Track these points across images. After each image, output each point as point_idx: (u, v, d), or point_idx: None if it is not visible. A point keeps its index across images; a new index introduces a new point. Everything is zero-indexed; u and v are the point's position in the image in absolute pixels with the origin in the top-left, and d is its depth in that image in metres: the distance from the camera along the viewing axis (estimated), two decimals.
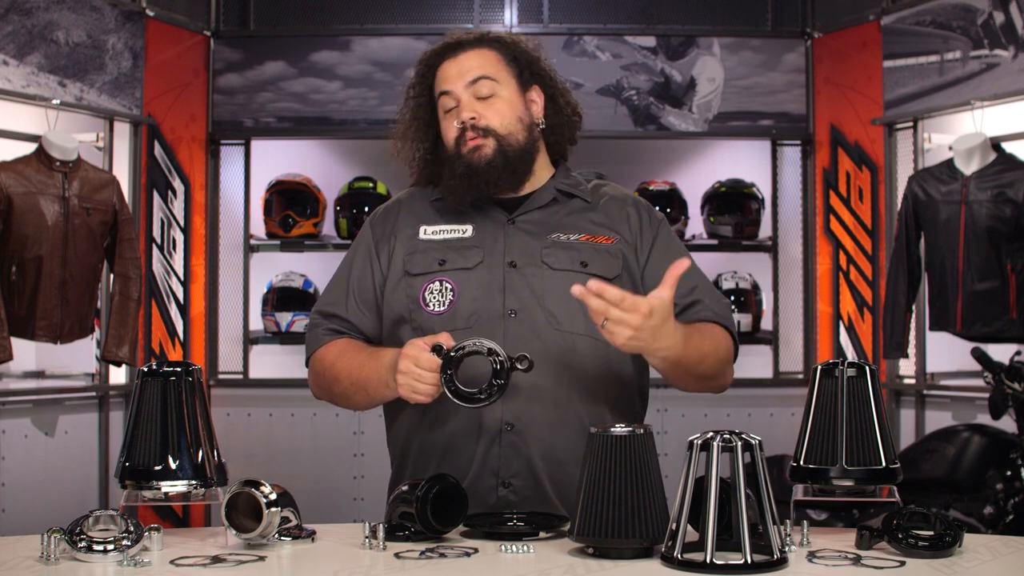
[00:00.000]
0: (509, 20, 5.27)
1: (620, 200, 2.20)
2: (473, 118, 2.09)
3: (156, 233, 4.95)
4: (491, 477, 2.02)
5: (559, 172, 2.21)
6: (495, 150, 2.09)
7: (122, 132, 4.75)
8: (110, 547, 1.66)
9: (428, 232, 2.14)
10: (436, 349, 1.89)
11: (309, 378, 2.20)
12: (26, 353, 4.37)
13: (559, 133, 2.21)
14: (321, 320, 2.17)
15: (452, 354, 1.88)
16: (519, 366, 1.89)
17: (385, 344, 2.13)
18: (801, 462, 1.82)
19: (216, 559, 1.68)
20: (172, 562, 1.66)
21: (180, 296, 5.07)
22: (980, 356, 3.76)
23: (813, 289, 5.25)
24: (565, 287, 1.97)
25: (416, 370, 1.90)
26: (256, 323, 5.23)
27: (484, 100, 2.11)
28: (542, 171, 2.19)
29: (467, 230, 2.13)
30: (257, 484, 1.76)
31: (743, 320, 5.13)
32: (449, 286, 2.07)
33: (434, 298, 2.07)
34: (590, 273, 2.05)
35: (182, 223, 5.08)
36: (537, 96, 2.19)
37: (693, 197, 5.25)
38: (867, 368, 1.82)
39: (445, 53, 2.16)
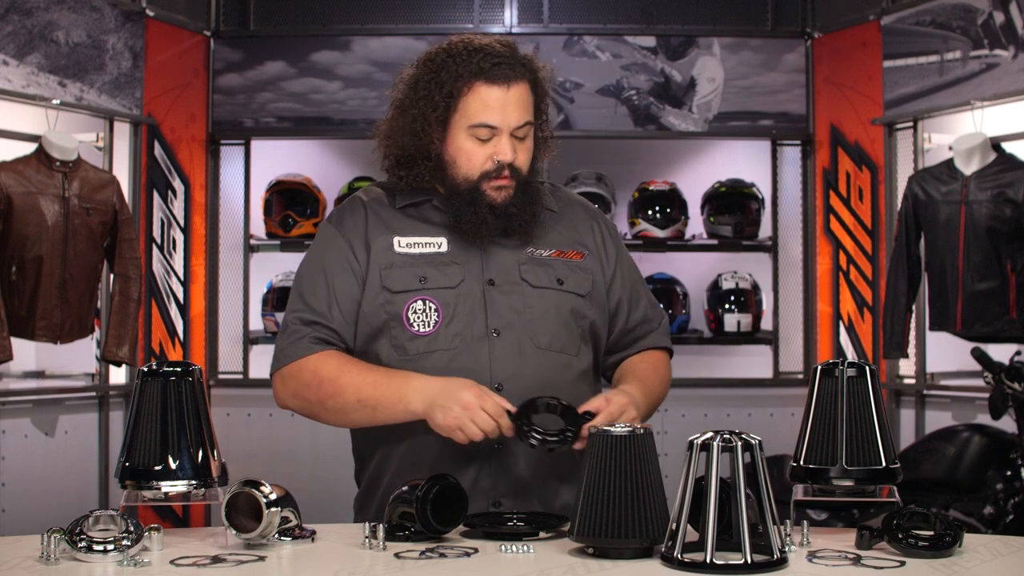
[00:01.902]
0: (509, 20, 5.27)
1: (580, 208, 2.25)
2: (513, 161, 2.06)
3: (156, 233, 4.95)
4: (481, 498, 2.02)
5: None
6: (515, 191, 2.07)
7: (122, 132, 4.75)
8: (110, 547, 1.66)
9: (403, 244, 2.10)
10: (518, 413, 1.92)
11: (281, 385, 2.12)
12: (26, 353, 4.37)
13: (538, 152, 2.17)
14: (303, 327, 2.08)
15: (528, 409, 1.92)
16: (586, 417, 1.93)
17: (357, 356, 2.09)
18: (801, 462, 1.82)
19: (216, 559, 1.68)
20: (172, 562, 1.66)
21: (180, 296, 5.07)
22: (980, 356, 3.75)
23: (813, 289, 5.24)
24: (544, 305, 2.08)
25: (479, 410, 1.89)
26: (256, 323, 5.23)
27: (518, 140, 2.07)
28: None
29: (442, 243, 2.10)
30: (257, 484, 1.76)
31: (743, 320, 5.13)
32: (433, 306, 2.06)
33: (418, 318, 2.05)
34: (566, 290, 2.11)
35: (182, 223, 5.08)
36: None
37: (693, 197, 5.25)
38: (867, 368, 1.82)
39: (495, 76, 2.03)
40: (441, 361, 2.04)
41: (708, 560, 1.58)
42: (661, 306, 2.34)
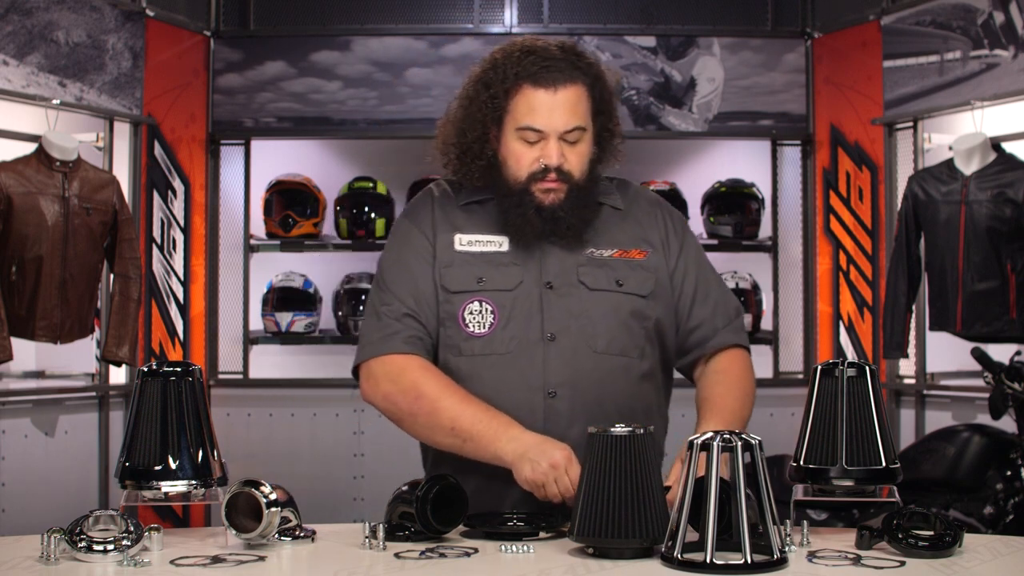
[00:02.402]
0: (509, 20, 5.27)
1: (647, 205, 2.21)
2: (560, 164, 2.05)
3: (156, 233, 4.95)
4: (533, 503, 2.01)
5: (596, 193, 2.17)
6: (567, 195, 2.06)
7: (122, 132, 4.75)
8: (110, 547, 1.66)
9: (463, 242, 2.11)
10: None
11: (371, 383, 2.09)
12: (26, 353, 4.37)
13: (603, 156, 2.16)
14: (393, 322, 2.08)
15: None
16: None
17: None
18: (801, 462, 1.82)
19: (216, 559, 1.68)
20: (172, 562, 1.66)
21: (180, 296, 5.07)
22: (980, 356, 3.75)
23: (813, 289, 5.24)
24: (602, 307, 2.06)
25: (564, 474, 1.88)
26: (256, 323, 5.23)
27: (571, 144, 2.06)
28: None
29: (503, 243, 2.10)
30: (257, 484, 1.76)
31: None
32: (489, 307, 2.06)
33: (474, 319, 2.06)
34: (625, 292, 2.08)
35: (182, 223, 5.08)
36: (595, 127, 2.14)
37: (693, 197, 5.25)
38: (867, 368, 1.82)
39: (542, 79, 2.04)
40: (496, 364, 2.04)
41: (708, 560, 1.58)
42: (739, 303, 2.25)
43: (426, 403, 2.03)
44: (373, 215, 5.17)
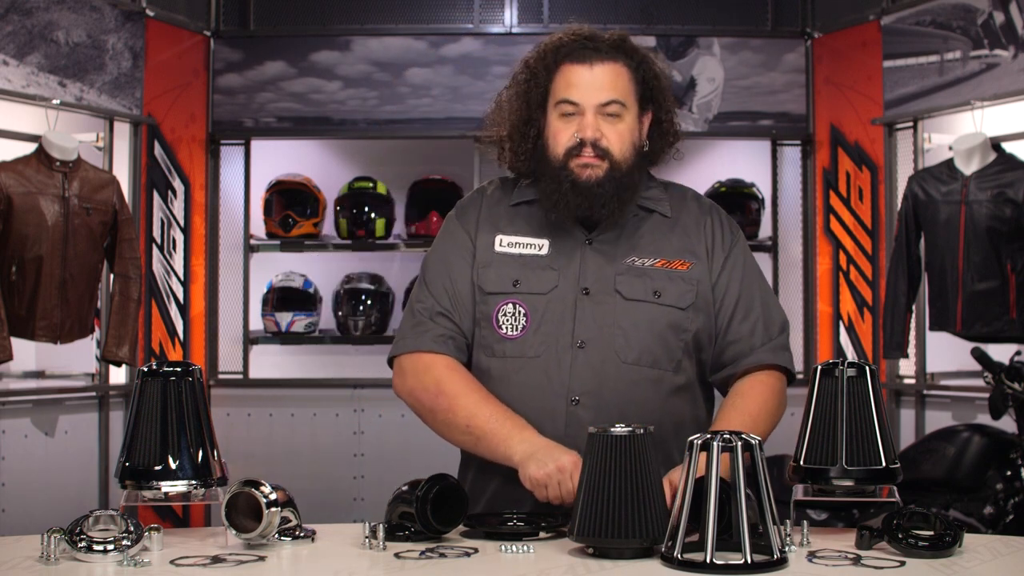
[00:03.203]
0: (509, 20, 5.27)
1: (696, 210, 2.17)
2: (596, 138, 2.03)
3: (156, 233, 4.95)
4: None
5: (641, 184, 2.14)
6: (607, 173, 2.03)
7: (122, 132, 4.75)
8: (110, 547, 1.66)
9: (504, 243, 2.11)
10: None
11: (400, 377, 2.11)
12: (26, 353, 4.37)
13: (656, 153, 2.16)
14: (427, 320, 2.09)
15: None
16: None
17: None
18: (801, 462, 1.82)
19: (216, 559, 1.68)
20: (172, 562, 1.66)
21: (180, 296, 5.07)
22: (980, 356, 3.75)
23: (813, 289, 5.25)
24: (636, 318, 2.03)
25: (568, 479, 1.88)
26: (256, 323, 5.23)
27: (608, 118, 2.05)
28: None
29: (543, 246, 2.10)
30: (257, 484, 1.76)
31: None
32: (522, 310, 2.06)
33: (507, 321, 2.06)
34: (663, 303, 2.05)
35: (182, 223, 5.08)
36: (647, 118, 2.13)
37: None
38: (867, 368, 1.82)
39: (581, 55, 2.06)
40: (524, 368, 2.05)
41: (708, 560, 1.58)
42: (786, 319, 2.18)
43: (445, 400, 2.04)
44: (373, 215, 5.17)
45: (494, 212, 2.15)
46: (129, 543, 1.67)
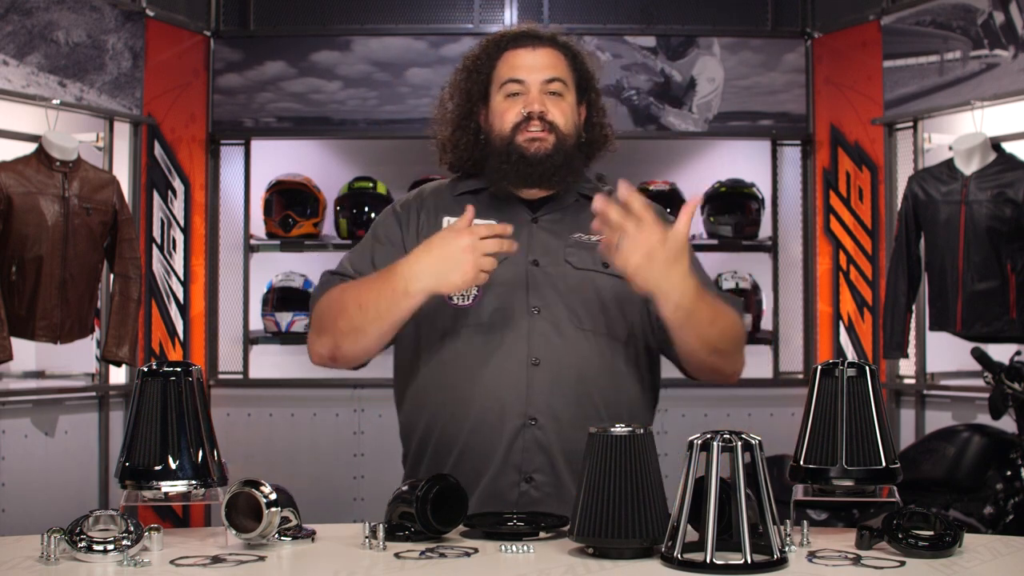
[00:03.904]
0: (509, 20, 5.27)
1: None
2: (542, 111, 2.10)
3: (156, 233, 4.95)
4: (514, 472, 2.04)
5: (579, 177, 2.22)
6: (554, 146, 2.11)
7: (122, 132, 4.75)
8: (110, 547, 1.66)
9: (452, 223, 2.13)
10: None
11: (310, 333, 2.14)
12: (26, 353, 4.37)
13: (589, 147, 2.23)
14: (331, 277, 2.14)
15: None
16: None
17: (403, 339, 2.13)
18: (801, 462, 1.82)
19: (216, 559, 1.68)
20: (172, 562, 1.66)
21: (180, 296, 5.07)
22: (980, 356, 3.75)
23: (813, 289, 5.24)
24: (587, 286, 2.07)
25: (481, 242, 1.91)
26: (256, 323, 5.23)
27: (552, 97, 2.13)
28: None
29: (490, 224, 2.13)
30: (257, 484, 1.76)
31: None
32: None
33: (458, 292, 2.06)
34: (611, 274, 2.08)
35: (182, 223, 5.08)
36: (582, 110, 2.22)
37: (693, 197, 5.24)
38: (867, 368, 1.82)
39: (521, 41, 2.17)
40: (479, 333, 2.06)
41: (708, 560, 1.58)
42: (739, 301, 2.20)
43: (335, 305, 2.06)
44: (373, 215, 5.16)
45: (438, 202, 2.19)
46: (129, 543, 1.67)
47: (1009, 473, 3.71)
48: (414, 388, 2.12)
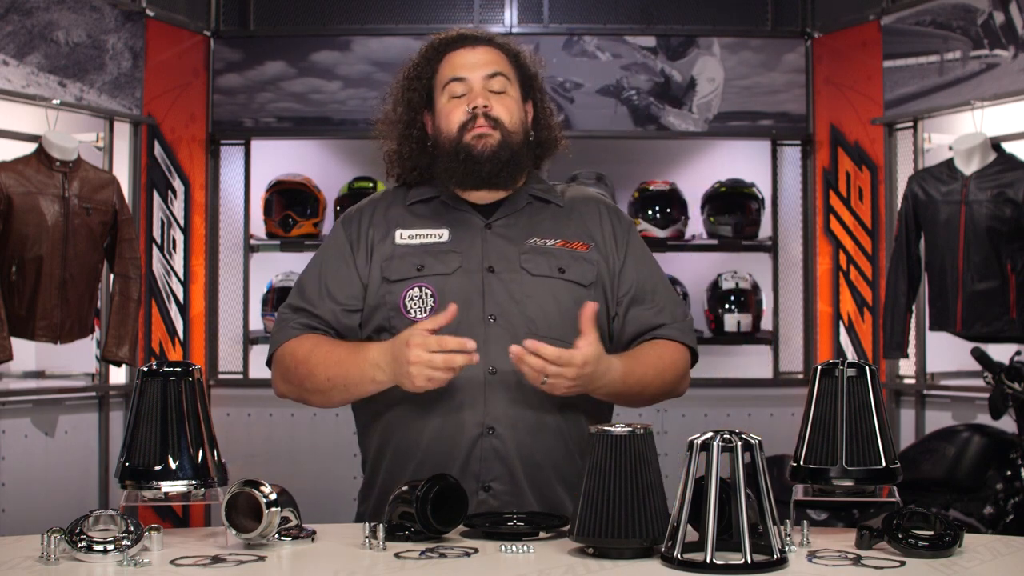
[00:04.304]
0: (509, 20, 5.27)
1: (591, 203, 2.24)
2: (487, 107, 2.11)
3: (156, 233, 4.95)
4: (472, 481, 2.03)
5: (531, 179, 2.22)
6: (500, 143, 2.10)
7: (122, 132, 4.75)
8: (110, 547, 1.66)
9: (404, 236, 2.13)
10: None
11: (274, 374, 2.17)
12: (26, 353, 4.37)
13: (540, 148, 2.23)
14: (291, 315, 2.14)
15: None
16: None
17: None
18: (801, 462, 1.82)
19: (216, 559, 1.68)
20: (172, 562, 1.66)
21: (180, 296, 5.07)
22: (980, 356, 3.75)
23: (813, 289, 5.24)
24: (544, 292, 2.08)
25: (432, 356, 1.89)
26: (256, 323, 5.23)
27: (496, 94, 2.13)
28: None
29: (443, 234, 2.13)
30: (257, 484, 1.76)
31: (743, 320, 5.13)
32: (429, 292, 2.07)
33: (414, 304, 2.07)
34: (567, 279, 2.10)
35: (182, 223, 5.08)
36: (529, 109, 2.22)
37: (693, 197, 5.25)
38: (867, 368, 1.82)
39: (460, 43, 2.18)
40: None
41: (708, 560, 1.58)
42: (687, 305, 2.30)
43: (303, 367, 2.08)
44: None
45: (389, 214, 2.18)
46: (129, 543, 1.67)
47: (1009, 473, 3.71)
48: (373, 397, 2.10)
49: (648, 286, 2.17)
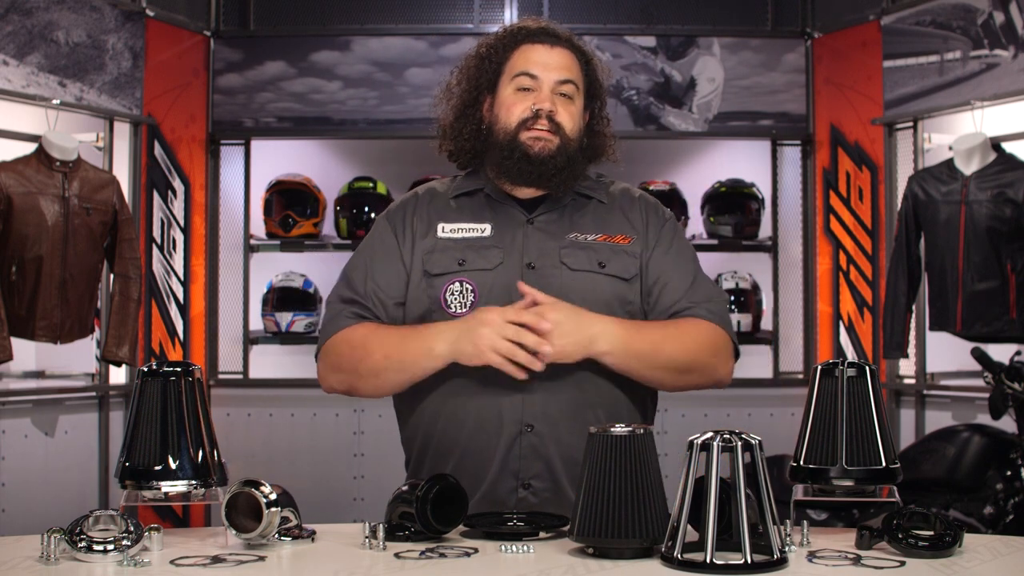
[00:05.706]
0: (509, 20, 5.27)
1: (633, 198, 2.23)
2: (552, 111, 2.10)
3: (156, 233, 4.95)
4: (511, 479, 2.04)
5: (582, 172, 2.21)
6: (558, 147, 2.10)
7: (122, 132, 4.75)
8: (110, 547, 1.66)
9: (446, 230, 2.13)
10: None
11: (321, 367, 2.15)
12: (26, 353, 4.37)
13: (589, 153, 2.22)
14: (343, 306, 2.13)
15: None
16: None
17: None
18: (801, 462, 1.82)
19: (216, 559, 1.68)
20: (172, 562, 1.66)
21: (180, 296, 5.07)
22: (980, 356, 3.76)
23: (813, 289, 5.25)
24: (584, 287, 2.06)
25: (506, 325, 1.92)
26: (256, 323, 5.23)
27: (562, 98, 2.13)
28: None
29: (485, 229, 2.12)
30: (257, 484, 1.76)
31: (743, 320, 5.13)
32: (470, 287, 2.07)
33: (455, 299, 2.07)
34: (608, 274, 2.09)
35: (182, 223, 5.08)
36: (586, 116, 2.22)
37: (693, 197, 5.25)
38: (867, 368, 1.82)
39: (540, 37, 2.18)
40: None
41: (708, 560, 1.58)
42: (727, 297, 2.26)
43: (359, 350, 2.07)
44: (373, 215, 5.16)
45: (433, 206, 2.18)
46: (129, 543, 1.67)
47: (1009, 473, 3.71)
48: (415, 396, 2.11)
49: (676, 275, 2.13)
